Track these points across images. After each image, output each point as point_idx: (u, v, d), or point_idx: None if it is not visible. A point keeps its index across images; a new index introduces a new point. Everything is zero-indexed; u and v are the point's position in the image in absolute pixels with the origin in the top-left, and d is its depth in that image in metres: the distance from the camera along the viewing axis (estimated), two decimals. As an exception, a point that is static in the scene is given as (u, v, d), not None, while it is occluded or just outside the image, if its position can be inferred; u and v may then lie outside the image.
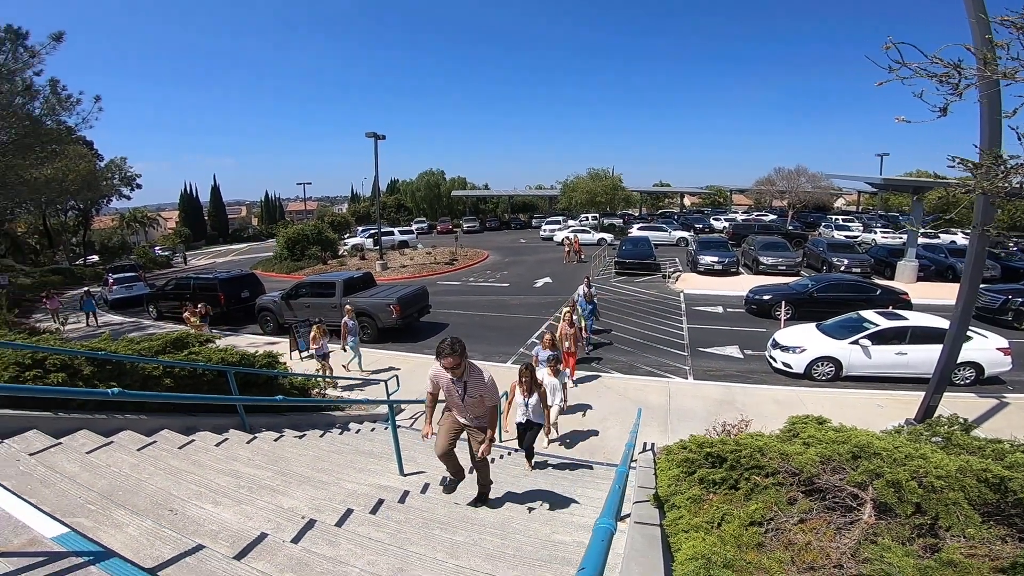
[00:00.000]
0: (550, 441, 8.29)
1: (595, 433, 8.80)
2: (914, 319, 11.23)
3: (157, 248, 49.86)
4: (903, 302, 15.16)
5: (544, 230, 43.13)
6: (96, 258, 45.30)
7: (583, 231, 36.81)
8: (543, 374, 7.61)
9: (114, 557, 2.22)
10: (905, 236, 24.97)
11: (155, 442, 4.56)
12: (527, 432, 6.62)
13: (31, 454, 3.45)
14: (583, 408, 9.72)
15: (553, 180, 72.13)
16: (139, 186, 45.37)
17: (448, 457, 4.40)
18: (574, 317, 10.82)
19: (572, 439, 8.57)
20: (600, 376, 11.40)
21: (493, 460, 6.14)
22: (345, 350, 12.03)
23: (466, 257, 31.45)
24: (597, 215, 46.08)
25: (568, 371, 10.01)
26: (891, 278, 20.79)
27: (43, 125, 23.25)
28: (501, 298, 20.34)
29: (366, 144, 34.53)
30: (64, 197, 35.12)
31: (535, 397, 6.50)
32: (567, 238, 31.90)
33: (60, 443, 3.82)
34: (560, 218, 47.21)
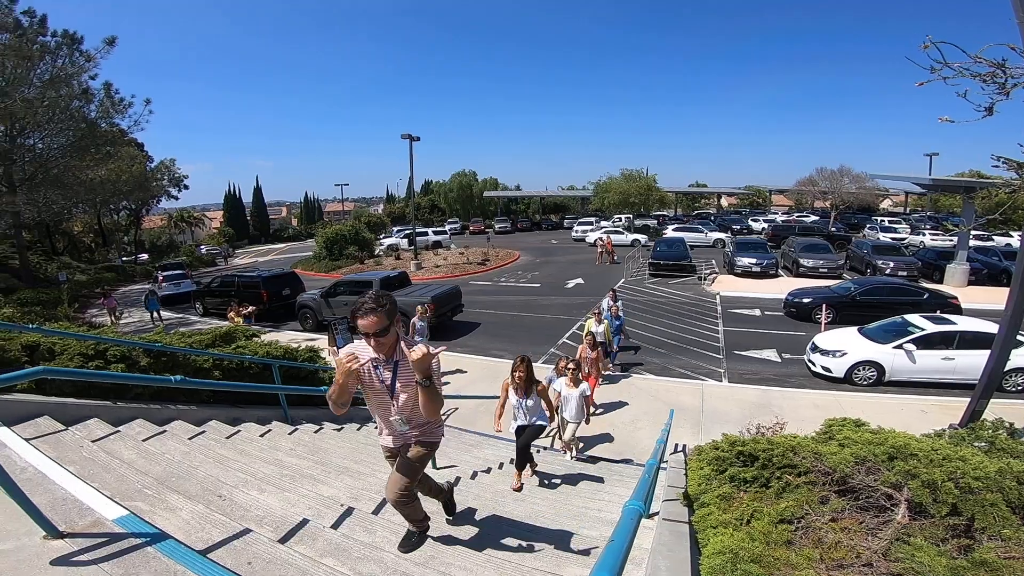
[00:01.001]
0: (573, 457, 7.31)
1: (625, 432, 8.75)
2: (963, 324, 10.80)
3: (203, 247, 51.67)
4: (952, 307, 14.50)
5: (576, 231, 42.65)
6: (146, 256, 47.25)
7: (616, 232, 36.29)
8: (561, 384, 6.88)
9: (169, 539, 2.37)
10: (955, 239, 23.86)
11: (204, 432, 4.81)
12: (526, 433, 5.47)
13: (93, 441, 3.68)
14: (614, 407, 9.68)
15: (585, 181, 71.65)
16: (186, 187, 46.74)
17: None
18: (599, 328, 10.18)
19: (601, 437, 8.55)
20: (632, 377, 11.32)
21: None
22: None
23: (498, 257, 31.58)
24: (631, 216, 45.52)
25: (589, 389, 9.27)
26: (940, 282, 19.94)
27: (99, 127, 24.42)
28: (533, 298, 20.39)
29: (398, 145, 35.13)
30: (118, 197, 36.34)
31: (533, 399, 5.46)
32: (599, 239, 31.56)
33: (119, 431, 4.07)
34: (592, 219, 46.65)
